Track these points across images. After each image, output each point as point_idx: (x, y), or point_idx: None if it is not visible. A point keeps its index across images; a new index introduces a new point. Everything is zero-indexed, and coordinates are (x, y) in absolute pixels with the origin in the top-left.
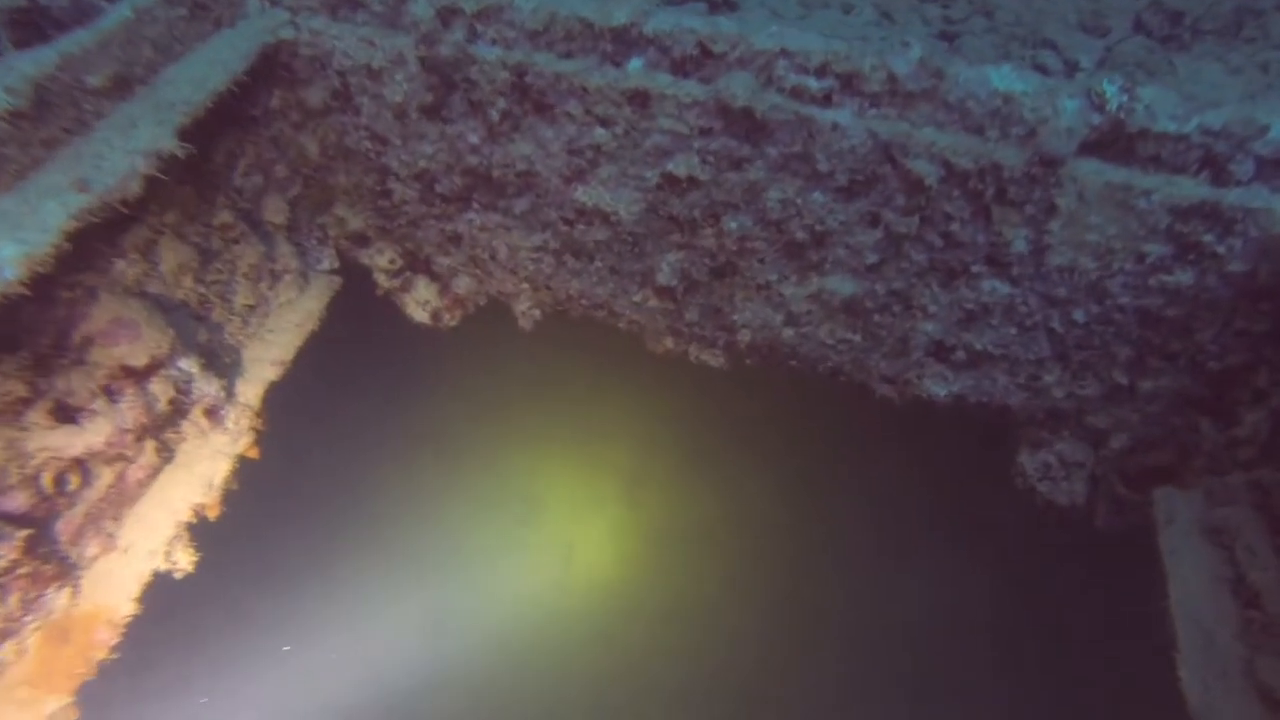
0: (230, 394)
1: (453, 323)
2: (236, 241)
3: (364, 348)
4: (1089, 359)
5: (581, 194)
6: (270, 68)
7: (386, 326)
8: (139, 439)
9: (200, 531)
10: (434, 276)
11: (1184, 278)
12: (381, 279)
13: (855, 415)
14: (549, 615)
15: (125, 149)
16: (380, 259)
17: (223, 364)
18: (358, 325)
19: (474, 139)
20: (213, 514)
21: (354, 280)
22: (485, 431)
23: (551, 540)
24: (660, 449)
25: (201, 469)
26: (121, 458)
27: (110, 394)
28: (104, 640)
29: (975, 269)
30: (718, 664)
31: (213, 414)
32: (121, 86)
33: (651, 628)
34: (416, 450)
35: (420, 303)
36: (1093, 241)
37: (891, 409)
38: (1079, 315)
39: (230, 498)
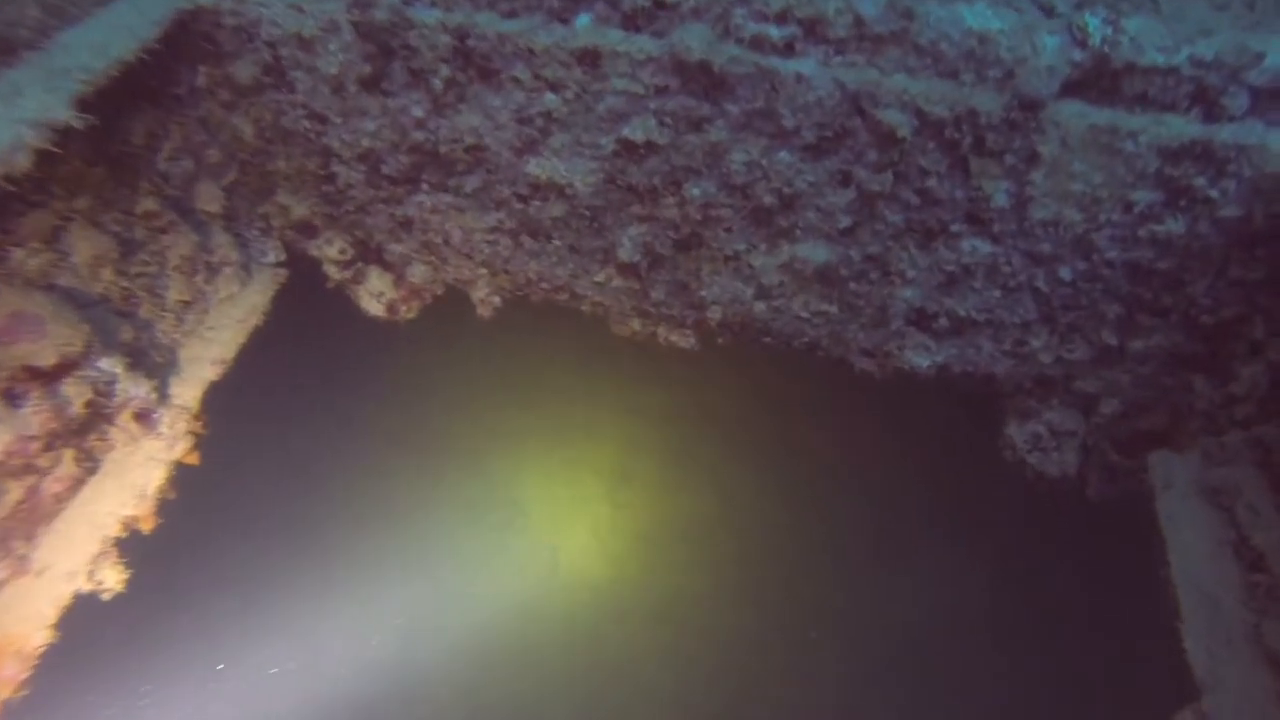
0: (164, 396)
1: (410, 314)
2: (164, 231)
3: (315, 344)
4: (1076, 320)
5: (534, 166)
6: (190, 39)
7: (339, 321)
8: (50, 448)
9: (132, 546)
10: (387, 266)
11: (1175, 226)
12: (332, 271)
13: (836, 393)
14: (536, 618)
15: (8, 118)
16: (329, 249)
17: (154, 364)
18: (307, 320)
19: (418, 112)
20: (146, 526)
21: (302, 273)
22: (454, 430)
23: (536, 543)
24: (636, 440)
25: (132, 478)
26: (31, 469)
27: (11, 398)
28: (11, 676)
29: (955, 228)
30: (714, 663)
31: (144, 418)
32: (3, 49)
33: (647, 627)
34: (377, 452)
35: (374, 294)
36: (1078, 191)
37: (873, 384)
38: (1065, 273)
39: (167, 508)
